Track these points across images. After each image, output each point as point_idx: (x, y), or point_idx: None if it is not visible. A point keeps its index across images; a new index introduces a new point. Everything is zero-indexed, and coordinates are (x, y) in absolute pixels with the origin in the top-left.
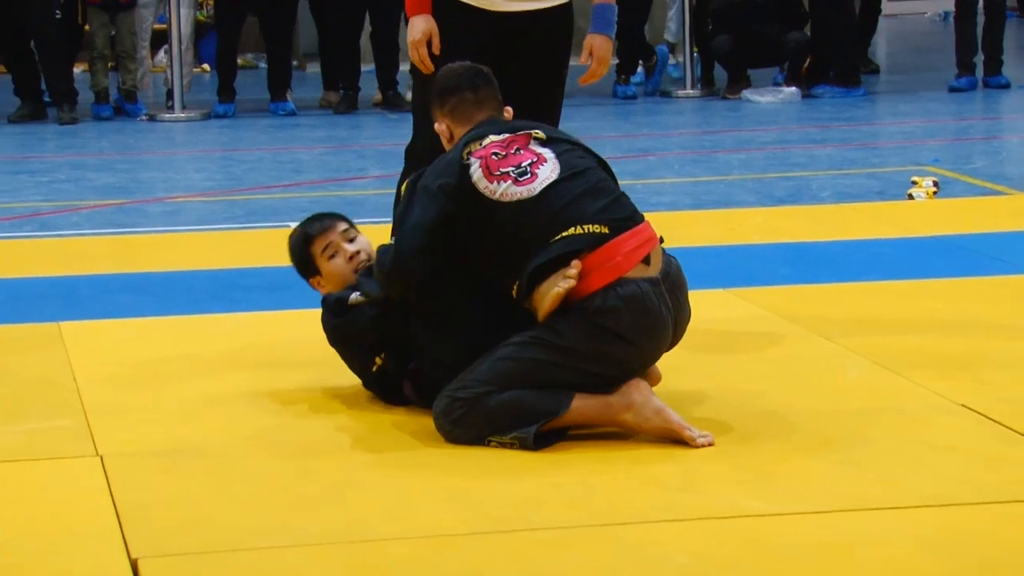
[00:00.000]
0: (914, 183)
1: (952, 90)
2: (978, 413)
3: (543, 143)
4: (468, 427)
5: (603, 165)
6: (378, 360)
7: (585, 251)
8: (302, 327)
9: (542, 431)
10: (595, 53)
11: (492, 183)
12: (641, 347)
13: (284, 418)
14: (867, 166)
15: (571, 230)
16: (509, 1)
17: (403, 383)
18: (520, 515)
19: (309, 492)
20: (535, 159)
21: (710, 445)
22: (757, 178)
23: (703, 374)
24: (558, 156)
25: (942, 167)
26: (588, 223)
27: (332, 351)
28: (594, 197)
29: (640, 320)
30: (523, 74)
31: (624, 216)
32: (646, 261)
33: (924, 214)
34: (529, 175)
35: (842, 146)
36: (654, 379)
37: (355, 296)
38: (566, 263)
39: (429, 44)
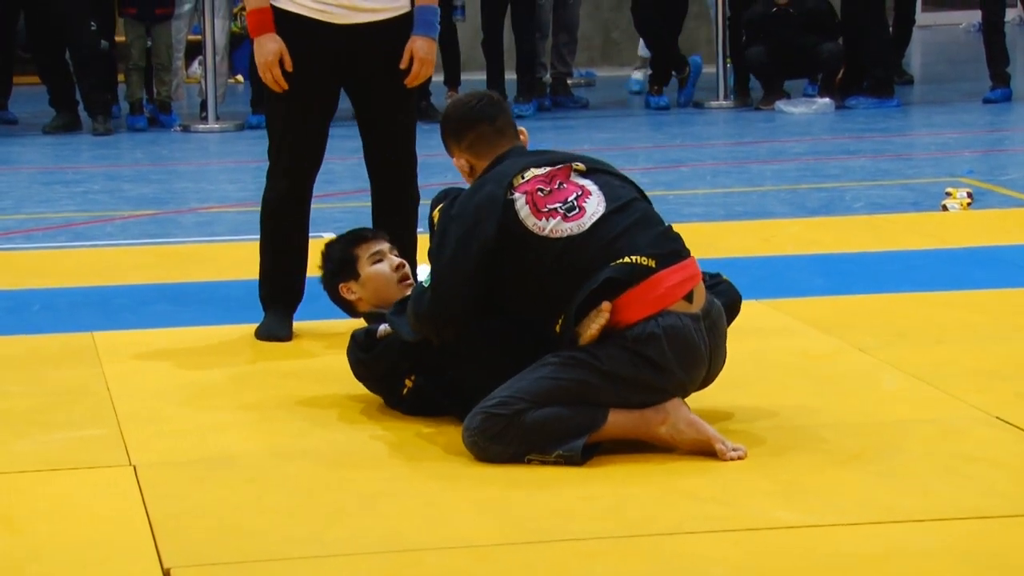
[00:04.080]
0: (948, 194)
1: (987, 101)
2: (1014, 426)
3: (583, 175)
4: (507, 443)
5: (641, 194)
6: (408, 383)
7: (631, 283)
8: (335, 337)
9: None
10: (416, 55)
11: (540, 220)
12: (677, 377)
13: (317, 428)
14: (901, 177)
15: (621, 260)
16: (352, 12)
17: (439, 395)
18: (554, 526)
19: (342, 502)
20: (580, 192)
21: (741, 459)
22: (790, 189)
23: (737, 386)
24: (601, 188)
25: (976, 178)
26: (637, 255)
27: None
28: (643, 229)
29: (679, 351)
30: (375, 87)
31: (671, 250)
32: (688, 298)
33: (958, 225)
34: (577, 210)
35: (876, 157)
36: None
37: (383, 329)
38: (611, 292)
39: (281, 63)
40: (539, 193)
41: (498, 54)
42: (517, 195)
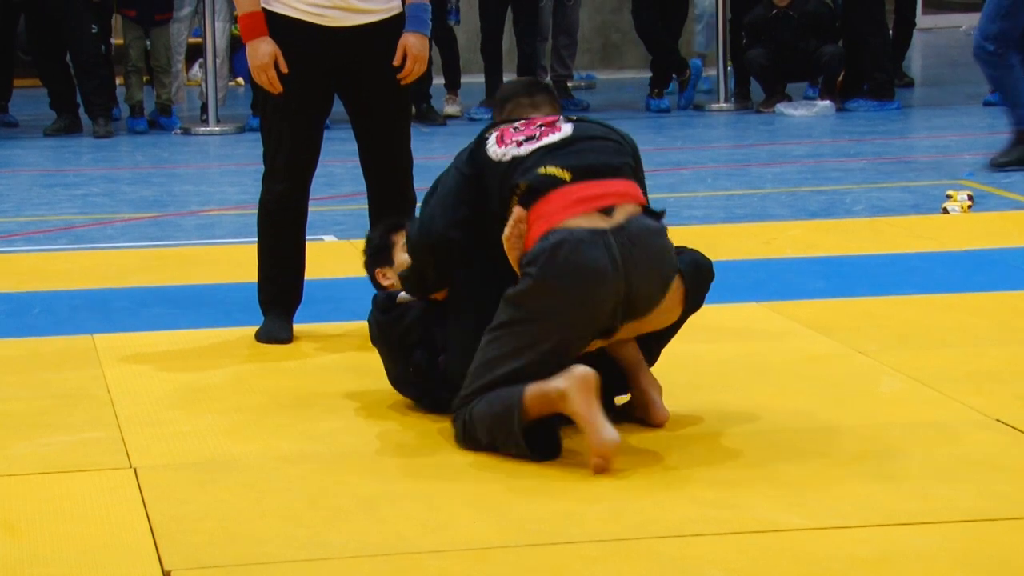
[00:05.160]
0: (949, 197)
1: (987, 104)
2: (1014, 428)
3: (569, 120)
4: (475, 442)
5: (635, 159)
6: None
7: (541, 191)
8: (335, 339)
9: (529, 438)
10: (409, 51)
11: (500, 148)
12: (573, 297)
13: (318, 431)
14: (901, 180)
15: (537, 170)
16: (345, 14)
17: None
18: (555, 529)
19: (343, 505)
20: (550, 130)
21: (598, 472)
22: (791, 192)
23: (736, 388)
24: (575, 127)
25: (977, 181)
26: (554, 165)
27: (366, 362)
28: (580, 153)
29: (565, 267)
30: (369, 88)
31: (598, 165)
32: (606, 212)
33: (959, 228)
34: (535, 140)
35: (876, 160)
36: (661, 418)
37: (403, 295)
38: (526, 202)
39: (276, 65)
40: (511, 130)
41: (497, 57)
42: (492, 132)
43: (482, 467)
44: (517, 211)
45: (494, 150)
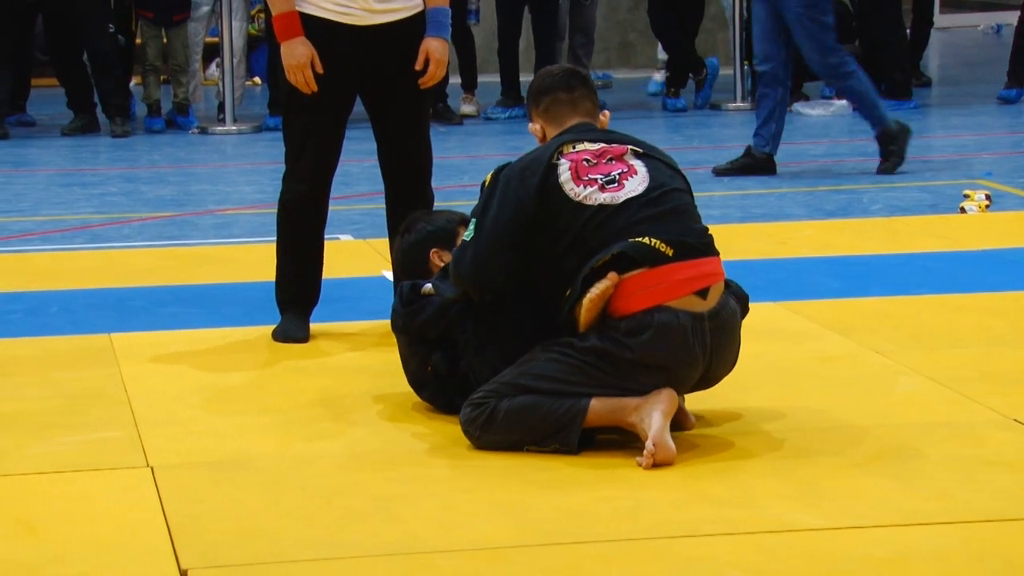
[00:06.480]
0: (966, 196)
1: (1000, 99)
2: None
3: (638, 156)
4: (495, 432)
5: (688, 187)
6: (431, 366)
7: (642, 264)
8: (352, 338)
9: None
10: (431, 56)
11: (578, 186)
12: (662, 376)
13: (334, 430)
14: (919, 179)
15: (639, 239)
16: (371, 13)
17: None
18: (570, 528)
19: (359, 504)
20: (625, 169)
21: (648, 467)
22: (808, 191)
23: (753, 388)
24: (649, 171)
25: (995, 180)
26: (657, 238)
27: (383, 362)
28: (674, 217)
29: (667, 350)
30: (391, 88)
31: (695, 244)
32: (702, 295)
33: (976, 228)
34: (617, 184)
35: None
36: (688, 425)
37: (427, 287)
38: (621, 268)
39: (312, 66)
40: (584, 163)
41: (514, 57)
42: (563, 161)
43: (497, 467)
44: (612, 276)
45: (571, 187)
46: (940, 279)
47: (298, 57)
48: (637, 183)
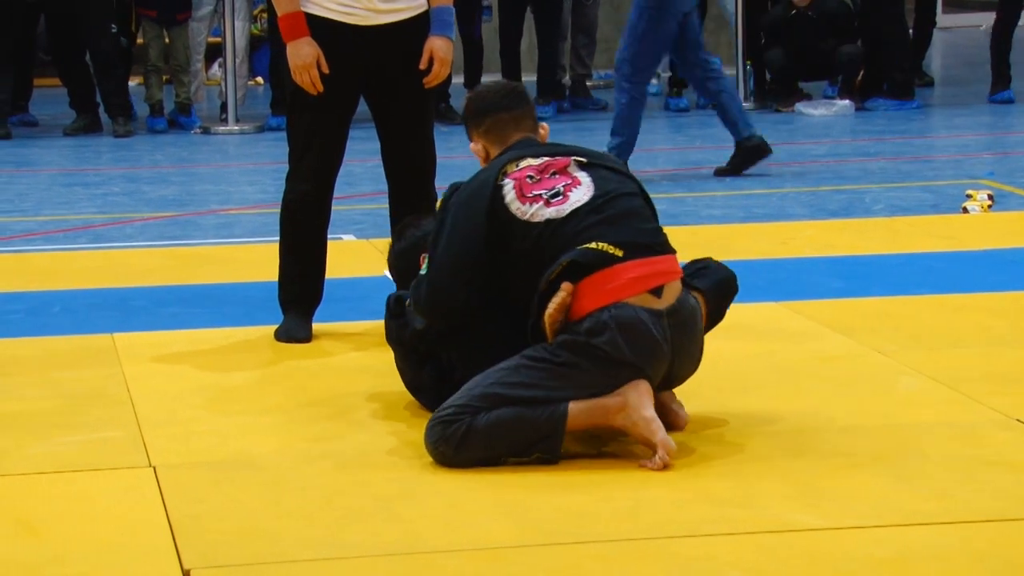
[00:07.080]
0: (969, 196)
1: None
2: None
3: (582, 167)
4: (471, 450)
5: (642, 191)
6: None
7: (593, 268)
8: (354, 338)
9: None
10: (436, 55)
11: (524, 204)
12: (634, 370)
13: (336, 430)
14: (921, 179)
15: (586, 245)
16: (375, 13)
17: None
18: (571, 528)
19: (360, 504)
20: (569, 181)
21: (661, 469)
22: (810, 191)
23: (754, 388)
24: (594, 180)
25: (997, 180)
26: (604, 242)
27: (385, 362)
28: (623, 220)
29: (633, 343)
30: (395, 87)
31: (645, 243)
32: (656, 293)
33: (979, 228)
34: (562, 197)
35: (896, 159)
36: (681, 423)
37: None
38: (574, 276)
39: (318, 66)
40: (528, 180)
41: (516, 57)
42: (507, 181)
43: (498, 469)
44: (566, 287)
45: (517, 207)
46: (942, 279)
47: (304, 57)
48: (582, 193)
